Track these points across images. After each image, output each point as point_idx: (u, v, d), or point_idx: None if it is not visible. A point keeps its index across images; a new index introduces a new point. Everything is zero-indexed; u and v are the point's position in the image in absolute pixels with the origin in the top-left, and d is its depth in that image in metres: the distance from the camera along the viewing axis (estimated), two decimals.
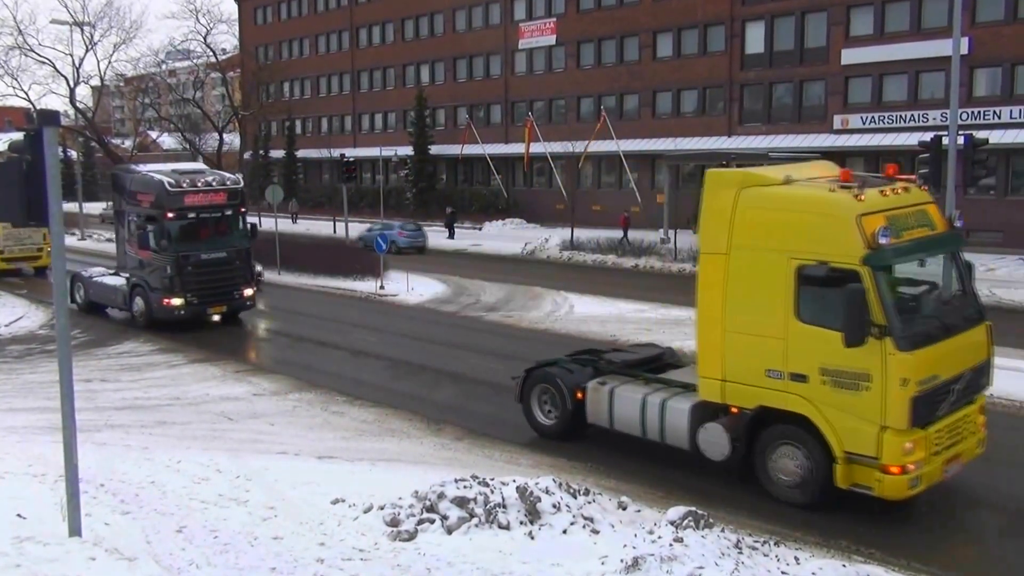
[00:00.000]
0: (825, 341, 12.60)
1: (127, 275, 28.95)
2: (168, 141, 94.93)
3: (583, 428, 16.57)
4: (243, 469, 14.35)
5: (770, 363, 13.29)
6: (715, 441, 14.11)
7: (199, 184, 27.41)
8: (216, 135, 64.92)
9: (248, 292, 28.77)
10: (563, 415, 16.66)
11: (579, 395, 16.32)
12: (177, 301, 27.17)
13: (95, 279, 30.91)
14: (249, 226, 28.92)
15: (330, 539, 11.42)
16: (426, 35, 77.22)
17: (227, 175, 29.23)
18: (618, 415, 15.69)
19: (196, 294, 27.45)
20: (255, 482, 13.70)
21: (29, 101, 61.82)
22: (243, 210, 28.61)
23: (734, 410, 14.02)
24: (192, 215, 27.31)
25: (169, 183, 26.98)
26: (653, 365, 17.08)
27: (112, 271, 31.10)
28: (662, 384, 15.80)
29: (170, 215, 26.82)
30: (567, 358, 17.60)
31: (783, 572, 10.10)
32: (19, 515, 11.25)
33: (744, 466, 14.10)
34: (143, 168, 29.83)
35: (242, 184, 28.91)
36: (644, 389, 15.63)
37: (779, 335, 13.13)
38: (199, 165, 33.02)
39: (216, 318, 28.78)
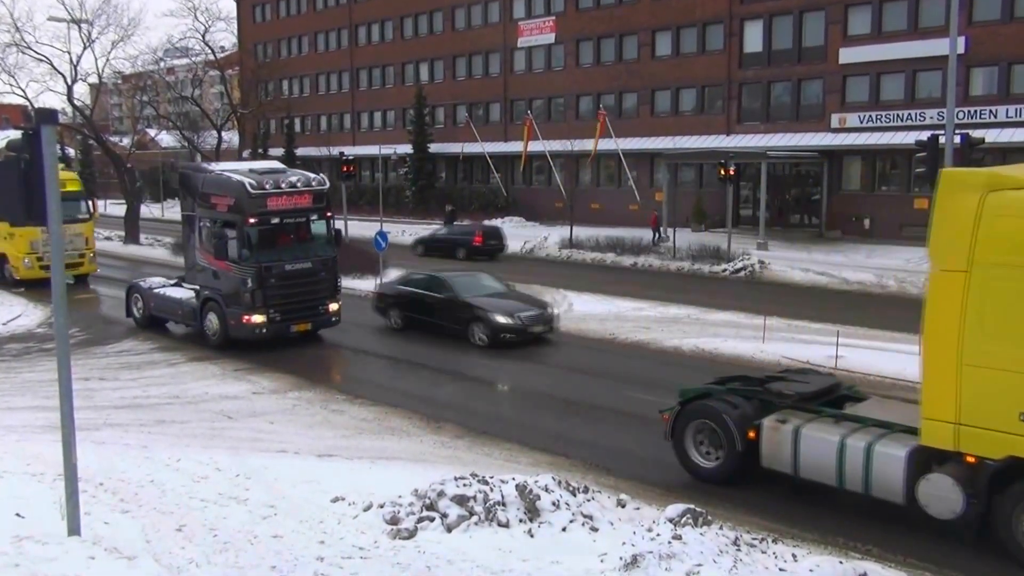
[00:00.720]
0: None
1: (196, 287, 25.82)
2: (167, 139, 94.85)
3: (752, 471, 14.28)
4: (243, 467, 14.35)
5: None
6: (944, 496, 11.90)
7: (283, 185, 24.37)
8: (215, 133, 64.76)
9: (334, 307, 25.58)
10: (729, 457, 14.29)
11: (751, 435, 14.03)
12: (259, 318, 24.04)
13: (156, 291, 27.70)
14: (335, 232, 26.03)
15: (330, 537, 11.42)
16: (425, 33, 77.16)
17: (311, 175, 25.87)
18: (806, 461, 13.43)
19: (279, 310, 24.38)
20: (255, 480, 13.70)
21: (27, 99, 61.64)
22: (329, 214, 25.64)
23: (970, 459, 11.75)
24: (275, 220, 24.36)
25: (251, 184, 23.86)
26: (829, 397, 14.89)
27: (173, 281, 28.30)
28: (856, 423, 13.55)
29: (251, 220, 23.78)
30: (721, 386, 15.25)
31: (781, 569, 10.11)
32: (18, 514, 11.24)
33: (980, 525, 12.05)
34: (217, 167, 26.39)
35: (328, 185, 25.83)
36: (838, 430, 13.34)
37: None
38: (275, 163, 29.09)
39: (298, 335, 25.55)
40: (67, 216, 30.22)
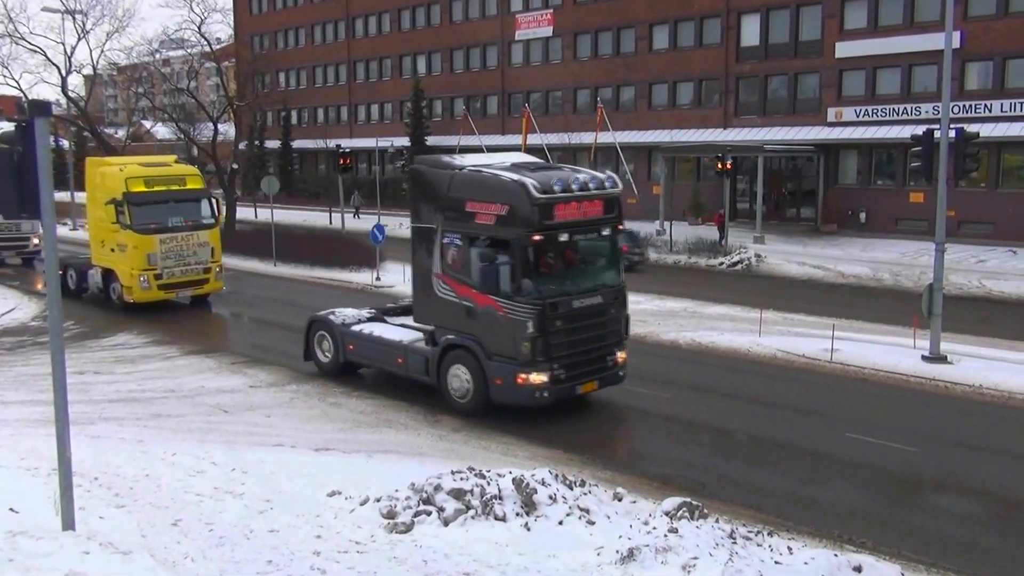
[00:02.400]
0: None
1: (429, 327, 19.17)
2: (162, 131, 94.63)
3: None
4: (239, 462, 14.31)
5: None
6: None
7: (573, 187, 17.44)
8: (211, 125, 64.56)
9: (622, 356, 18.60)
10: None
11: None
12: (540, 377, 17.09)
13: (357, 329, 20.89)
14: (620, 252, 19.40)
15: (326, 532, 11.40)
16: (423, 25, 77.04)
17: (597, 173, 18.60)
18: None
19: (565, 363, 17.41)
20: (251, 475, 13.67)
21: (20, 90, 61.39)
22: (621, 227, 18.70)
23: None
24: (564, 237, 17.47)
25: (535, 185, 16.86)
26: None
27: (369, 312, 22.04)
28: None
29: (537, 237, 16.93)
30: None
31: (776, 562, 10.11)
32: (11, 509, 11.19)
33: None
34: (468, 161, 19.07)
35: (620, 186, 18.89)
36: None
37: None
38: (523, 155, 21.98)
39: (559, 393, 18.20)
40: (189, 219, 29.51)
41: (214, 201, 30.82)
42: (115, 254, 29.51)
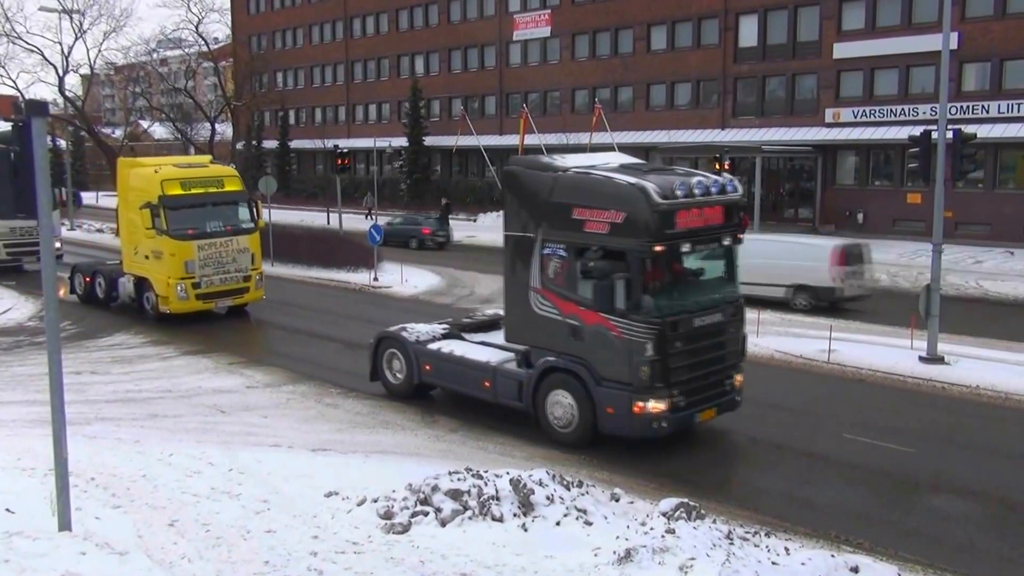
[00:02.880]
0: None
1: (522, 347, 17.38)
2: (159, 131, 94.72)
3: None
4: (236, 462, 14.31)
5: None
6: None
7: (696, 192, 15.71)
8: (208, 125, 64.65)
9: (739, 379, 17.03)
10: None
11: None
12: (659, 405, 15.37)
13: (436, 348, 18.91)
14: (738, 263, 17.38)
15: (324, 532, 11.40)
16: (421, 26, 77.06)
17: (717, 177, 16.87)
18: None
19: (684, 389, 15.77)
20: (248, 475, 13.67)
21: (17, 90, 61.55)
22: (740, 236, 16.90)
23: None
24: (686, 247, 15.97)
25: (656, 190, 15.12)
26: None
27: (443, 328, 19.97)
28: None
29: (659, 248, 15.24)
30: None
31: (773, 563, 10.11)
32: (8, 509, 11.19)
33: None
34: (572, 163, 16.98)
35: (740, 190, 17.13)
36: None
37: None
38: (627, 157, 18.76)
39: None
40: (229, 224, 27.94)
41: (253, 204, 29.18)
42: (149, 261, 27.75)
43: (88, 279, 31.31)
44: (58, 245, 37.64)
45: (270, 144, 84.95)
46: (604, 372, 15.71)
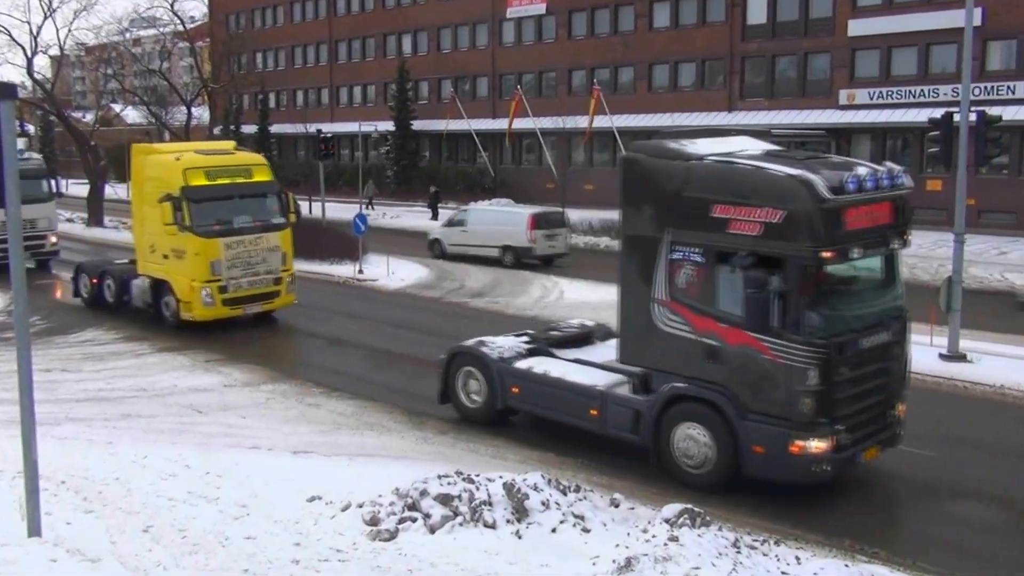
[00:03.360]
0: None
1: (639, 369, 15.61)
2: (133, 115, 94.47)
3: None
4: (213, 465, 14.34)
5: None
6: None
7: (868, 185, 13.97)
8: (184, 108, 64.53)
9: (903, 408, 15.28)
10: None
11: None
12: (822, 444, 13.55)
13: (526, 368, 17.14)
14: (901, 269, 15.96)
15: (306, 539, 11.43)
16: (408, 3, 76.93)
17: (880, 167, 15.04)
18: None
19: (850, 424, 13.92)
20: (226, 478, 13.70)
21: None
22: (908, 237, 15.44)
23: None
24: (856, 252, 13.88)
25: (823, 184, 13.33)
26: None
27: (526, 341, 18.30)
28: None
29: (828, 255, 13.44)
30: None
31: (783, 572, 10.17)
32: None
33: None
34: (708, 150, 15.06)
35: (911, 183, 15.92)
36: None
37: None
38: (760, 142, 17.51)
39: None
40: (258, 219, 26.18)
41: (286, 196, 27.45)
42: (169, 262, 25.76)
43: (95, 280, 29.33)
44: (54, 240, 37.61)
45: (249, 129, 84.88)
46: (752, 403, 13.85)
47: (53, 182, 43.48)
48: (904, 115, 48.12)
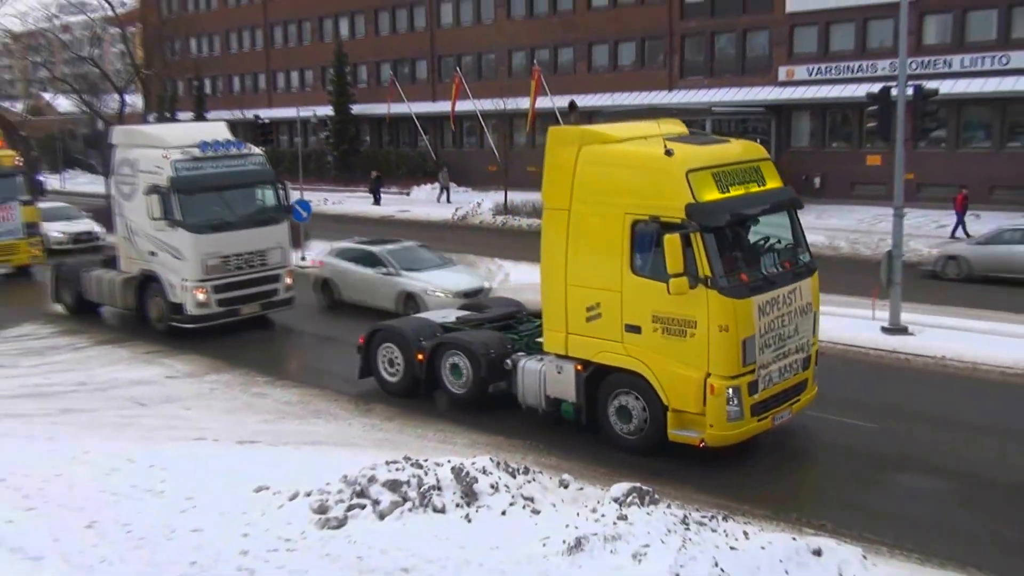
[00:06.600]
0: None
1: None
2: (64, 104, 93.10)
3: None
4: (157, 458, 14.24)
5: None
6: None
7: None
8: (116, 96, 63.71)
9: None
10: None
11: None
12: None
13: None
14: None
15: (254, 529, 11.39)
16: None
17: None
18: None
19: None
20: (171, 471, 13.60)
21: None
22: None
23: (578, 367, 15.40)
24: None
25: None
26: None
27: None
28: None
29: None
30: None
31: (732, 547, 10.28)
32: None
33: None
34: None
35: None
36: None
37: None
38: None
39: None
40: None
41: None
42: (652, 341, 14.73)
43: (421, 356, 18.08)
44: (289, 282, 25.43)
45: (185, 116, 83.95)
46: None
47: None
48: (843, 91, 48.50)
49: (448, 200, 57.17)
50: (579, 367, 15.46)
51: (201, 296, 23.19)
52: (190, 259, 23.14)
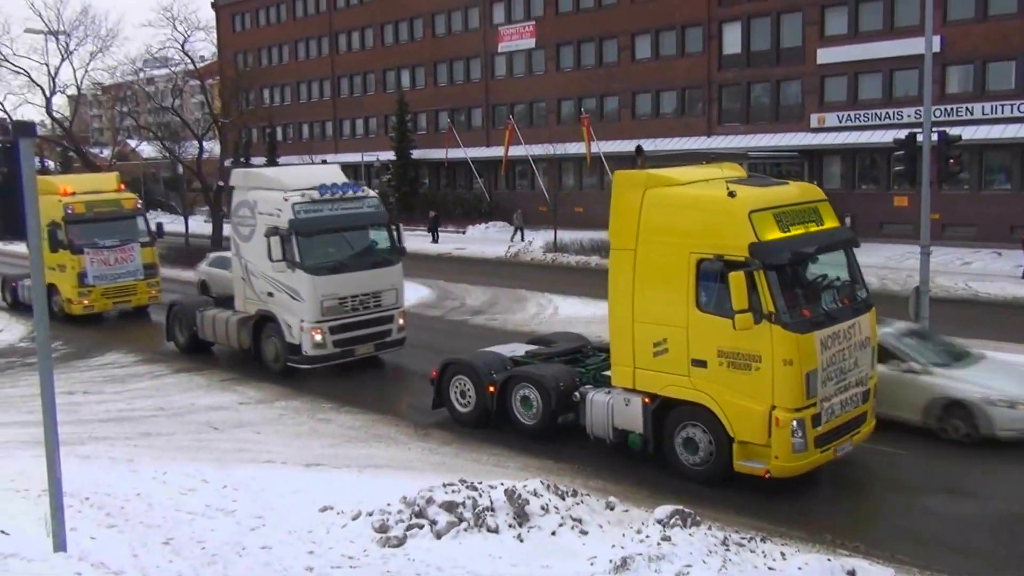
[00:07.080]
0: None
1: None
2: (147, 150, 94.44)
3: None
4: (230, 479, 14.27)
5: None
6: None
7: None
8: (196, 143, 64.48)
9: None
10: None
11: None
12: None
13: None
14: None
15: (319, 547, 11.37)
16: (406, 39, 77.08)
17: None
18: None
19: None
20: (242, 492, 13.63)
21: (4, 111, 61.29)
22: None
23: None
24: None
25: None
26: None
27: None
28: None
29: None
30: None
31: (770, 568, 10.12)
32: (2, 531, 11.15)
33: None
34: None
35: None
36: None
37: None
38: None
39: None
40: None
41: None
42: (717, 374, 14.34)
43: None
44: (402, 323, 23.98)
45: (258, 160, 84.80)
46: None
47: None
48: (871, 136, 48.23)
49: (523, 239, 56.47)
50: (646, 400, 15.18)
51: (318, 337, 22.06)
52: (308, 300, 22.07)
